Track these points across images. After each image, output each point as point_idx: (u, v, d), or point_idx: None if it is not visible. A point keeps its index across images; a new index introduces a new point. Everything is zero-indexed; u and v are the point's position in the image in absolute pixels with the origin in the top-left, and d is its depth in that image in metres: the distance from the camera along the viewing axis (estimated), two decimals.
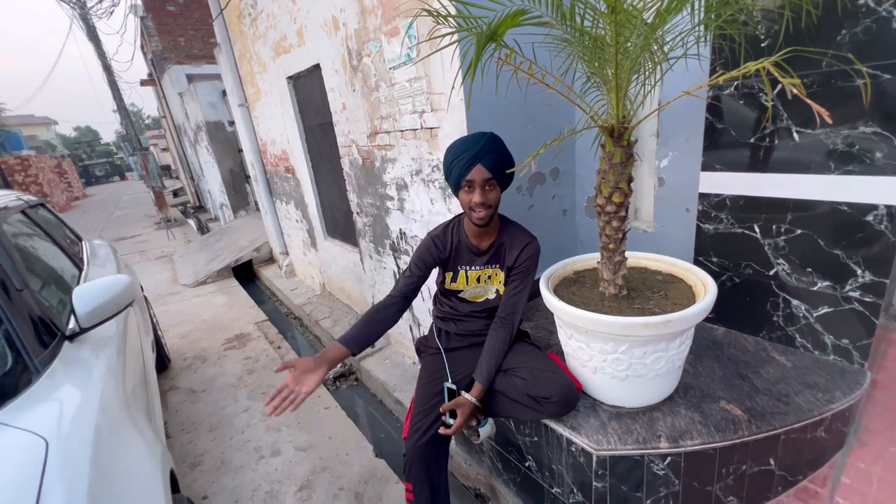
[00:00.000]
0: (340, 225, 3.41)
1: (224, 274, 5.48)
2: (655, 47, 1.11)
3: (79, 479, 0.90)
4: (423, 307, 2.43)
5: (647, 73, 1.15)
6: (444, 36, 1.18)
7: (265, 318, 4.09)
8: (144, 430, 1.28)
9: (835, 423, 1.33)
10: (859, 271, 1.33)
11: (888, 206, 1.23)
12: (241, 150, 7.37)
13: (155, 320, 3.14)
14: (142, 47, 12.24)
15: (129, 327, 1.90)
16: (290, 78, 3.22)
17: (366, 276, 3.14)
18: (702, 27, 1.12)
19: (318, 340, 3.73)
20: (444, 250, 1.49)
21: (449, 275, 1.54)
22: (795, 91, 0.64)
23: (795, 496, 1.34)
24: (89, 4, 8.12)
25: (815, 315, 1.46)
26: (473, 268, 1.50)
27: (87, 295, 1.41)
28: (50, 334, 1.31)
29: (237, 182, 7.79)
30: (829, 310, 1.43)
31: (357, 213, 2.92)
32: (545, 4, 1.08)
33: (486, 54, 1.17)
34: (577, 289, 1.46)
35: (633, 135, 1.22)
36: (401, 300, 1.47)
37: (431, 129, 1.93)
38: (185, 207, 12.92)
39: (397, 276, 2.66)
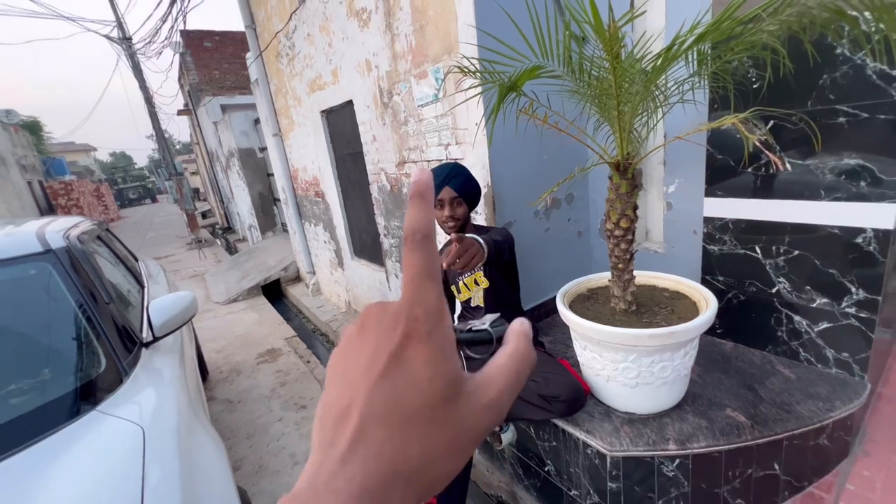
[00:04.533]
0: (368, 246, 3.63)
1: (254, 292, 5.75)
2: (656, 93, 1.29)
3: (171, 462, 1.09)
4: None
5: (648, 114, 1.33)
6: (469, 88, 1.38)
7: (294, 334, 4.30)
8: (209, 429, 1.46)
9: (837, 432, 1.42)
10: (853, 289, 1.44)
11: (875, 230, 1.35)
12: (269, 175, 7.80)
13: (196, 334, 3.38)
14: (178, 79, 13.10)
15: (184, 339, 2.12)
16: (323, 112, 3.51)
17: (391, 295, 3.33)
18: (697, 77, 1.30)
19: None
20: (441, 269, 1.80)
21: (453, 288, 1.81)
22: (758, 145, 0.80)
23: (802, 501, 1.43)
24: (139, 45, 8.84)
25: (815, 330, 1.57)
26: (465, 275, 1.77)
27: (160, 307, 1.63)
28: (131, 342, 1.52)
29: (265, 205, 8.19)
30: (829, 325, 1.53)
31: (384, 235, 3.14)
32: (557, 61, 1.27)
33: (506, 101, 1.37)
34: (590, 304, 1.61)
35: (640, 164, 1.39)
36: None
37: (456, 159, 2.13)
38: (213, 228, 13.50)
39: None
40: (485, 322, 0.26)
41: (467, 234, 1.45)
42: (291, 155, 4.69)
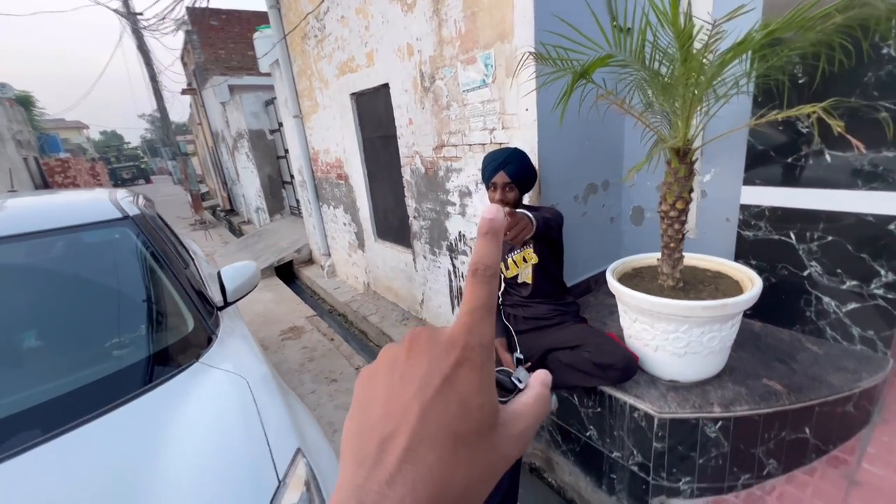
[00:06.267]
0: (394, 228, 3.71)
1: (267, 273, 5.82)
2: (717, 86, 1.39)
3: (278, 405, 1.19)
4: None
5: (709, 104, 1.43)
6: (533, 77, 1.47)
7: (314, 313, 4.39)
8: (281, 383, 1.56)
9: (862, 401, 1.56)
10: (882, 272, 1.57)
11: None
12: (280, 157, 7.80)
13: None
14: (181, 58, 12.90)
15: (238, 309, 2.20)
16: (353, 94, 3.56)
17: (417, 276, 3.43)
18: (754, 70, 1.40)
19: (365, 335, 4.02)
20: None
21: (501, 264, 1.88)
22: (840, 131, 0.91)
23: (827, 462, 1.57)
24: (151, 21, 8.70)
25: (843, 310, 1.70)
26: (514, 252, 1.85)
27: (232, 274, 1.72)
28: (210, 304, 1.61)
29: (275, 187, 8.20)
30: (856, 305, 1.67)
31: (414, 217, 3.22)
32: (628, 52, 1.36)
33: (574, 88, 1.46)
34: (637, 281, 1.72)
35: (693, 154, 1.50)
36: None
37: (501, 143, 2.22)
38: (214, 210, 13.43)
39: (452, 276, 2.94)
40: (514, 373, 0.27)
41: (517, 210, 1.57)
42: (312, 137, 4.73)
